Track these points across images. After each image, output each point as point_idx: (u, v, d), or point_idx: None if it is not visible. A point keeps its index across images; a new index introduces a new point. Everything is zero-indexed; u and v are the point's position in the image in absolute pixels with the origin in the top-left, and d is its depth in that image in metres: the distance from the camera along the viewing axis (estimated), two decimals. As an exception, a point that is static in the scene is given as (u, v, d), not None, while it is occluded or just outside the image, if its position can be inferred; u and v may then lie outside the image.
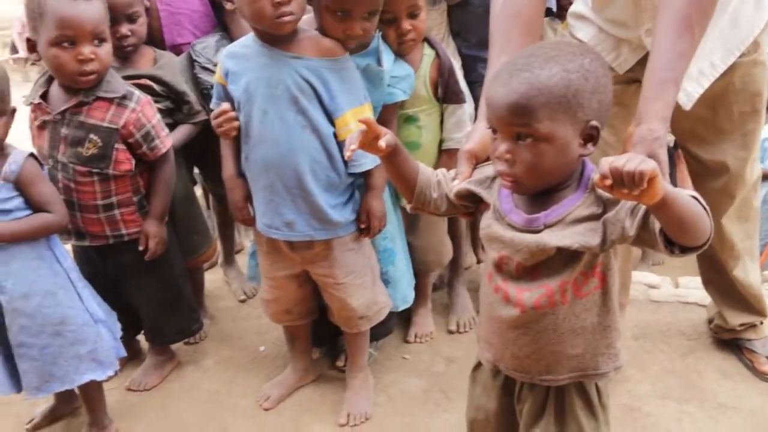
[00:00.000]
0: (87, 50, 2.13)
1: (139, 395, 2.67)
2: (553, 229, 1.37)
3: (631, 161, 1.06)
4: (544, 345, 1.49)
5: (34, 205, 2.11)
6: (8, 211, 2.07)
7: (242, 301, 3.29)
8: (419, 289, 2.79)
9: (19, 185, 2.07)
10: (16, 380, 2.21)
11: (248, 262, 2.63)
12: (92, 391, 2.35)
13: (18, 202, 2.08)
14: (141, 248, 2.44)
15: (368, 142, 1.41)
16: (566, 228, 1.36)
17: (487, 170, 1.53)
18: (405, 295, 2.58)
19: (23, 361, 2.15)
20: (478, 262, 3.41)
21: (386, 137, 1.41)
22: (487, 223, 1.49)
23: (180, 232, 2.72)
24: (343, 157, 2.07)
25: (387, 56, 2.28)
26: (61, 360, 2.17)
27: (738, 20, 1.98)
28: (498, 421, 1.69)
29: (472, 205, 1.56)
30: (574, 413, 1.54)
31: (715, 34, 1.94)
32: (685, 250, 1.27)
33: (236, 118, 2.14)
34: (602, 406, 1.57)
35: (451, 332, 2.89)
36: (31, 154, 2.13)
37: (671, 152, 3.18)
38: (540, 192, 1.40)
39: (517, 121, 1.30)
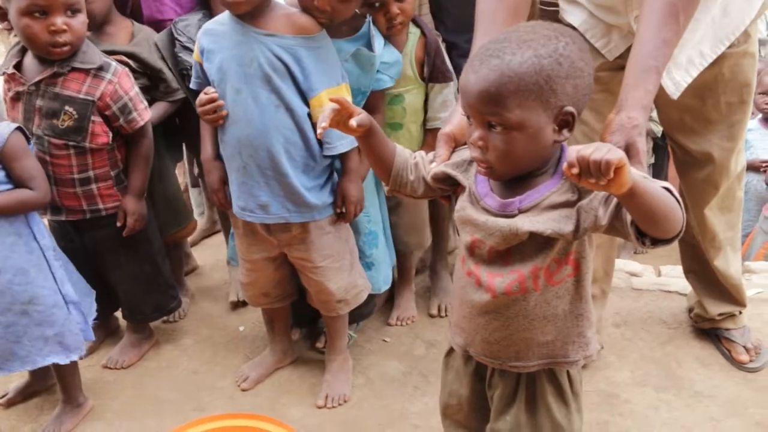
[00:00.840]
0: (59, 21, 2.07)
1: (116, 373, 2.65)
2: (527, 214, 1.35)
3: (598, 150, 1.04)
4: (514, 331, 1.47)
5: (17, 180, 2.08)
6: None
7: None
8: (402, 272, 2.79)
9: (3, 159, 2.04)
10: None
11: (229, 242, 2.60)
12: (66, 369, 2.32)
13: (0, 175, 2.05)
14: (119, 224, 2.41)
15: (341, 121, 1.38)
16: (540, 214, 1.34)
17: (465, 153, 1.50)
18: (386, 275, 2.57)
19: None
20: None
21: (359, 117, 1.38)
22: (462, 206, 1.46)
23: (158, 207, 2.69)
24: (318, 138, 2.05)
25: (378, 41, 2.25)
26: (25, 340, 2.14)
27: (729, 9, 1.94)
28: (470, 407, 1.68)
29: (449, 188, 1.54)
30: (545, 400, 1.53)
31: (706, 22, 1.91)
32: (656, 242, 1.25)
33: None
34: (574, 394, 1.56)
35: (432, 316, 2.88)
36: (19, 128, 2.09)
37: (663, 143, 3.18)
38: (516, 177, 1.37)
39: (487, 110, 1.27)
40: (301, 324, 2.74)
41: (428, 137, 2.52)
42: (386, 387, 2.47)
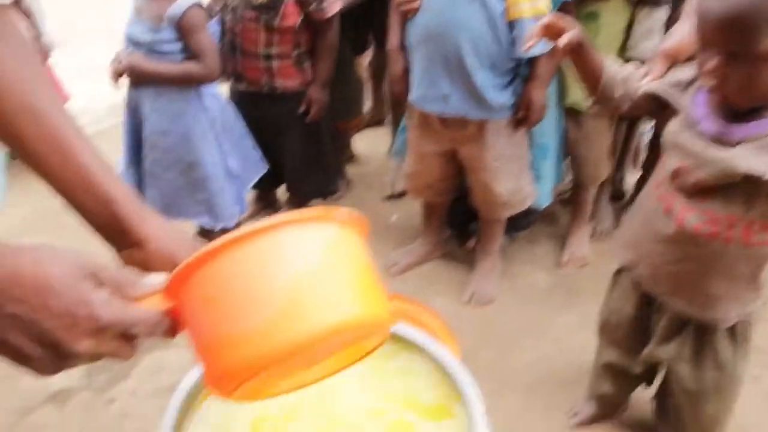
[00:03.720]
0: None
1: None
2: (747, 146, 1.24)
3: None
4: (685, 271, 1.42)
5: (190, 53, 2.18)
6: (164, 53, 2.16)
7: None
8: (577, 207, 2.69)
9: (181, 30, 2.13)
10: (142, 197, 2.37)
11: (396, 136, 2.62)
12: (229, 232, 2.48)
13: (176, 47, 2.16)
14: (302, 110, 2.51)
15: (551, 37, 1.34)
16: (762, 151, 1.23)
17: (684, 73, 1.40)
18: (548, 193, 2.52)
19: (151, 189, 2.32)
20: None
21: (569, 35, 1.32)
22: (675, 129, 1.38)
23: (334, 95, 2.75)
24: (509, 37, 1.99)
25: None
26: (182, 195, 2.33)
27: None
28: (631, 327, 1.67)
29: (658, 107, 1.46)
30: (713, 336, 1.49)
31: None
32: None
33: None
34: (744, 339, 1.51)
35: (586, 237, 2.82)
36: (198, 4, 2.17)
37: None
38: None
39: (733, 39, 1.16)
40: (455, 224, 2.76)
41: None
42: (532, 297, 2.48)
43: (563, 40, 1.33)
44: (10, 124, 0.72)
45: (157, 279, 0.63)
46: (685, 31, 1.41)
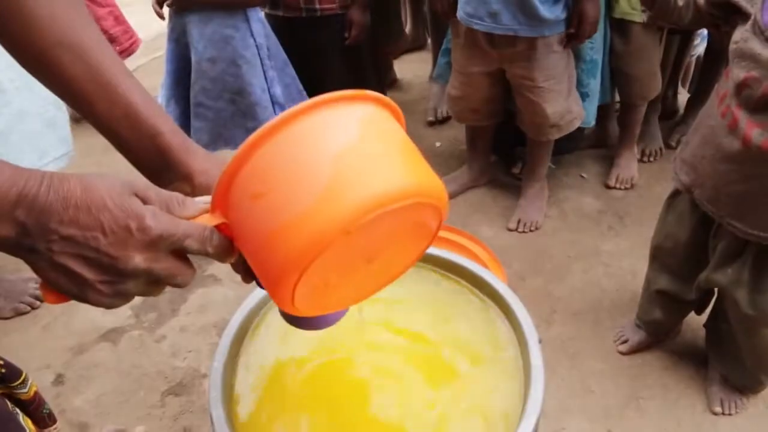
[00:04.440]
0: None
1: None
2: None
3: None
4: (751, 190, 1.34)
5: None
6: None
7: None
8: (625, 126, 2.59)
9: None
10: (185, 129, 2.34)
11: (438, 60, 2.54)
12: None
13: None
14: (345, 35, 2.44)
15: None
16: None
17: None
18: (594, 112, 2.43)
19: (198, 119, 2.28)
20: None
21: None
22: (743, 36, 1.29)
23: (373, 16, 2.67)
24: None
25: None
26: (230, 125, 2.28)
27: None
28: (686, 252, 1.62)
29: (723, 15, 1.37)
30: None
31: None
32: None
33: None
34: None
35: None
36: None
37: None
38: None
39: None
40: (500, 149, 2.70)
41: None
42: (580, 222, 2.43)
43: None
44: (55, 62, 0.71)
45: (203, 200, 0.62)
46: None
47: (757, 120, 1.28)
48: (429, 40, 3.33)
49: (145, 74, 3.23)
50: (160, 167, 0.74)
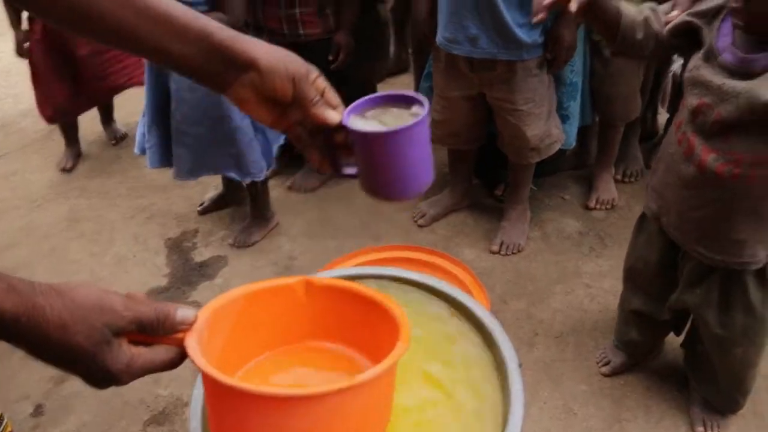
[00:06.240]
0: None
1: (300, 196, 2.80)
2: None
3: None
4: (710, 217, 1.38)
5: (214, 3, 2.11)
6: (189, 3, 2.09)
7: None
8: (603, 147, 2.62)
9: None
10: (166, 157, 2.36)
11: (421, 83, 2.57)
12: (256, 186, 2.48)
13: None
14: (330, 59, 2.45)
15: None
16: None
17: (710, 3, 1.34)
18: (575, 134, 2.45)
19: (180, 146, 2.28)
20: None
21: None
22: (695, 64, 1.33)
23: (358, 42, 2.69)
24: None
25: None
26: (211, 151, 2.29)
27: None
28: (657, 273, 1.64)
29: (685, 45, 1.40)
30: (742, 280, 1.45)
31: None
32: None
33: None
34: None
35: (615, 180, 2.76)
36: None
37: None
38: None
39: None
40: (482, 172, 2.72)
41: None
42: (561, 243, 2.45)
43: (573, 6, 1.28)
44: (92, 7, 0.72)
45: (187, 313, 0.68)
46: None
47: (711, 146, 1.31)
48: (412, 64, 3.35)
49: (128, 100, 3.23)
50: (221, 68, 0.75)
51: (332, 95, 0.80)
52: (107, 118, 3.34)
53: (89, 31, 0.74)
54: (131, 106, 3.27)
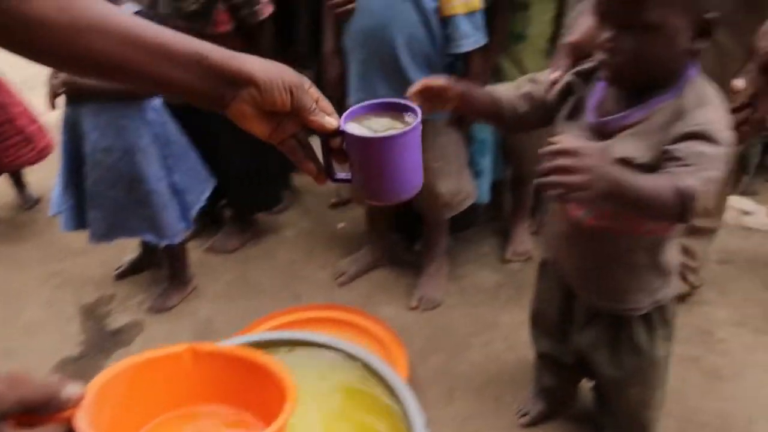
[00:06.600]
0: None
1: (219, 257, 2.77)
2: (623, 135, 1.26)
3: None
4: (590, 267, 1.46)
5: None
6: None
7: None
8: (518, 200, 2.70)
9: None
10: (80, 220, 2.32)
11: None
12: (173, 249, 2.45)
13: None
14: None
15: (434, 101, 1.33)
16: (636, 137, 1.24)
17: (586, 64, 1.41)
18: (488, 189, 2.54)
19: (95, 209, 2.25)
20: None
21: (448, 94, 1.33)
22: (561, 126, 1.39)
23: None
24: (443, 35, 2.01)
25: None
26: (127, 213, 2.27)
27: None
28: (559, 316, 1.69)
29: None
30: (628, 322, 1.51)
31: None
32: None
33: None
34: (663, 321, 1.52)
35: (531, 232, 2.82)
36: (139, 11, 2.10)
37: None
38: (634, 93, 1.28)
39: (625, 9, 1.18)
40: (400, 227, 2.76)
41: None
42: (479, 296, 2.49)
43: (447, 107, 1.35)
44: (85, 46, 0.73)
45: (73, 390, 0.65)
46: (588, 23, 1.41)
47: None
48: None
49: (43, 163, 3.14)
50: (220, 88, 0.77)
51: (326, 103, 0.84)
52: (17, 183, 3.25)
53: (83, 68, 0.77)
54: (46, 169, 3.19)
